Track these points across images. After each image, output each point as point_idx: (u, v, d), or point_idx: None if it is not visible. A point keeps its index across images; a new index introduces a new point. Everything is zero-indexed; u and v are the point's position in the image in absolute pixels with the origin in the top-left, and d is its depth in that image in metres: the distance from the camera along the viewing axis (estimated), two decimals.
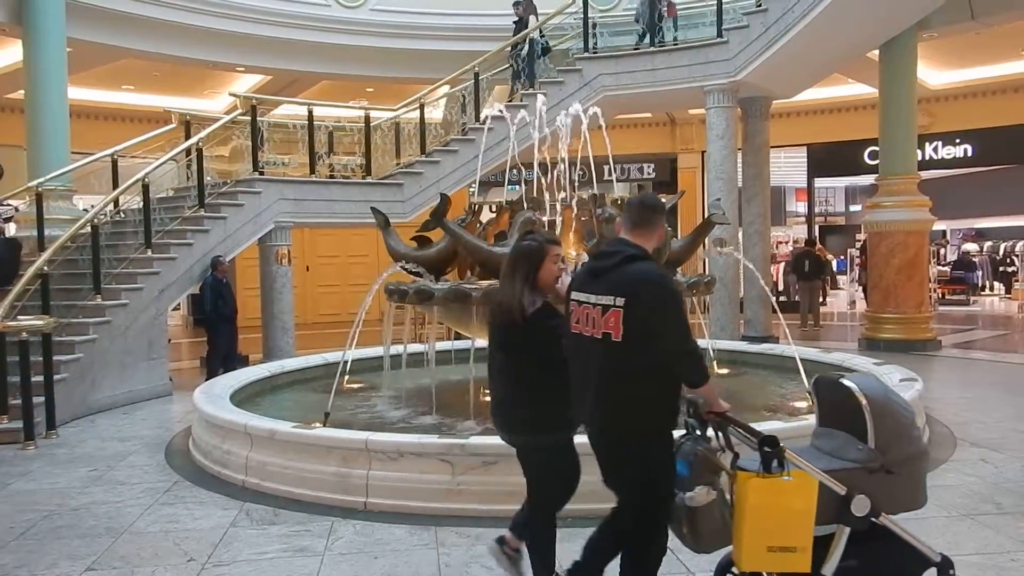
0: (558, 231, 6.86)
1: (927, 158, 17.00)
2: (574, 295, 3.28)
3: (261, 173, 10.93)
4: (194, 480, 5.96)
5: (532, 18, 13.06)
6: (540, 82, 12.42)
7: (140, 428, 7.84)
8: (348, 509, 5.11)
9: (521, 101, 12.22)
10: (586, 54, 12.33)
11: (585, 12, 12.49)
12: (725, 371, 8.47)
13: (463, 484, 4.98)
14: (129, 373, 9.09)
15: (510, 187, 10.46)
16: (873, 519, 3.10)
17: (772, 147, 13.67)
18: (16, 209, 10.20)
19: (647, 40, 12.07)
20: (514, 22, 13.29)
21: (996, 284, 21.97)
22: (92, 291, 8.92)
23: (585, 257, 6.17)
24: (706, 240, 7.99)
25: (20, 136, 11.23)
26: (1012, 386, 9.06)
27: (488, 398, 7.09)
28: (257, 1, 13.54)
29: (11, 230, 9.85)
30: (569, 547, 4.41)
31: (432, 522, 4.83)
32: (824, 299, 15.88)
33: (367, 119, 12.04)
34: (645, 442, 3.18)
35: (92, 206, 9.61)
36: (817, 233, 19.48)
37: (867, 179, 17.49)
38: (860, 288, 16.75)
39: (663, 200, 3.41)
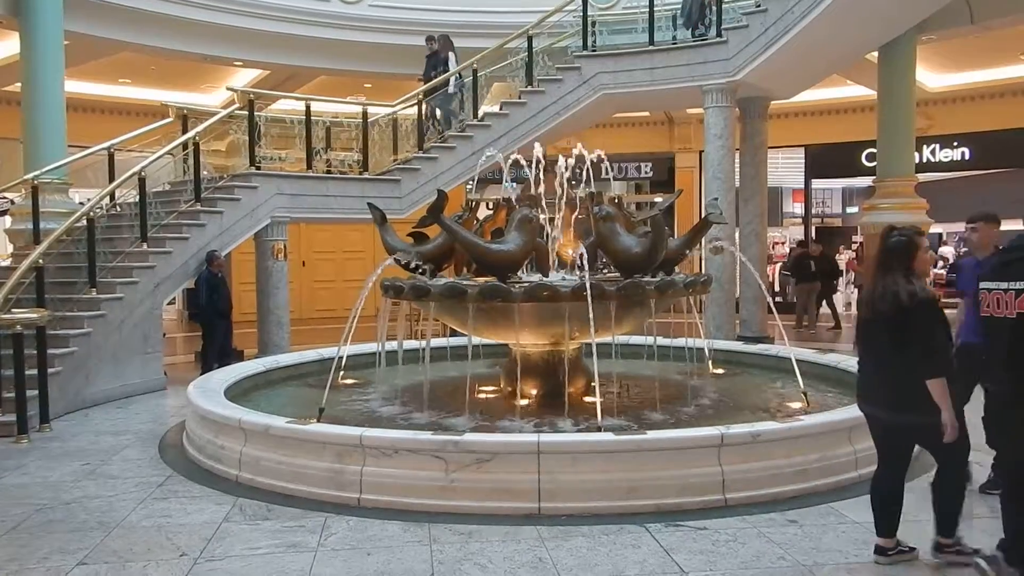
0: (556, 229, 6.86)
1: (924, 161, 17.00)
2: (984, 285, 3.81)
3: (258, 168, 10.89)
4: (187, 475, 5.94)
5: (451, 54, 12.74)
6: (539, 80, 12.40)
7: (134, 422, 7.81)
8: (342, 505, 5.09)
9: (513, 99, 12.19)
10: (585, 52, 12.31)
11: (584, 10, 12.46)
12: (721, 371, 8.46)
13: (457, 481, 4.96)
14: (124, 367, 9.07)
15: (507, 184, 10.47)
16: None
17: (770, 148, 13.67)
18: (12, 202, 10.18)
19: (693, 33, 11.75)
20: (427, 56, 12.92)
21: None
22: (87, 285, 8.88)
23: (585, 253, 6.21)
24: (702, 239, 7.98)
25: (16, 129, 11.20)
26: None
27: (484, 395, 7.16)
28: None
29: (7, 223, 9.81)
30: (563, 544, 4.40)
31: (426, 519, 4.81)
32: (832, 302, 15.89)
33: (365, 115, 12.03)
34: None
35: (88, 199, 9.58)
36: (814, 234, 19.49)
37: (864, 181, 17.50)
38: (856, 290, 16.73)
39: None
